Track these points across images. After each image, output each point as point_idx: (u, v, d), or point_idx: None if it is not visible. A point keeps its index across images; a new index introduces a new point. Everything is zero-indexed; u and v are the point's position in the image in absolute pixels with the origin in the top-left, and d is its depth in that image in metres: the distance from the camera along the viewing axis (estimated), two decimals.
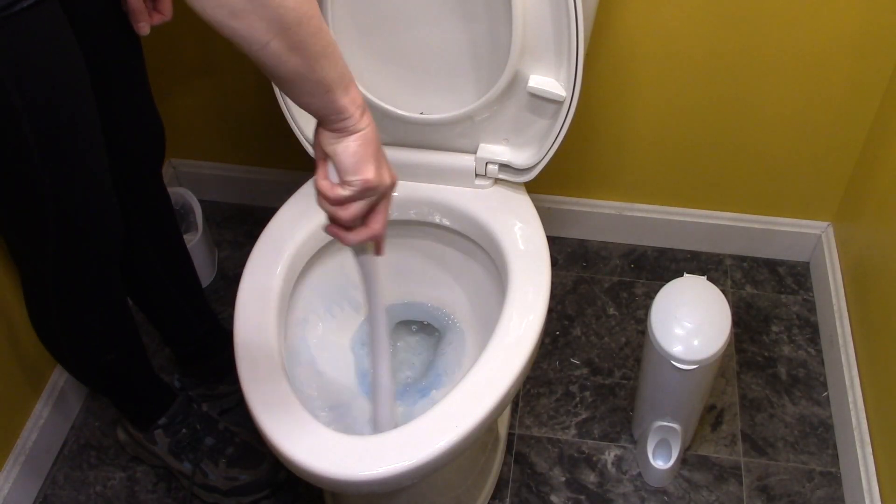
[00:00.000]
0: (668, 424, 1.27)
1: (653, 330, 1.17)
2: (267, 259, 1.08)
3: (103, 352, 1.13)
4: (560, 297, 1.58)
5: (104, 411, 1.43)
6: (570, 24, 1.00)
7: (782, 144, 1.46)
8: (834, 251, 1.53)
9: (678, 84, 1.40)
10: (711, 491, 1.33)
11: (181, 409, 1.29)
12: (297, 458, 0.88)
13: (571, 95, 1.07)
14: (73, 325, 1.08)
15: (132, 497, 1.33)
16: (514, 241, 1.10)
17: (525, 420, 1.41)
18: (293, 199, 1.16)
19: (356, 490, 0.90)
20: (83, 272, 1.02)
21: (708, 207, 1.59)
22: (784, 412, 1.42)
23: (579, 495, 1.32)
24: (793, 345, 1.51)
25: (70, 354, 1.13)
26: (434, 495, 1.18)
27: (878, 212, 1.36)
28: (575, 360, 1.49)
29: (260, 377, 0.96)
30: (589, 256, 1.65)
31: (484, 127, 1.14)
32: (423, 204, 1.16)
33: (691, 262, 1.64)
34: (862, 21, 1.27)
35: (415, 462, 0.88)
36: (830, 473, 1.35)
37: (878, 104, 1.37)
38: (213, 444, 1.29)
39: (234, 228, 1.67)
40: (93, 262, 1.01)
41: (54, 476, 1.36)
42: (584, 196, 1.62)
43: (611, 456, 1.37)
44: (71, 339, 1.10)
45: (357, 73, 1.11)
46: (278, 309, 1.04)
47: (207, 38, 1.45)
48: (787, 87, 1.37)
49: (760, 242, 1.62)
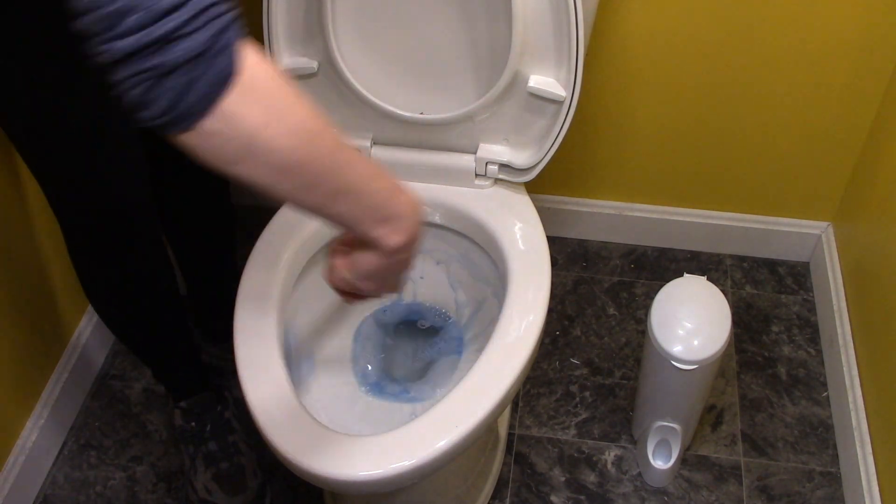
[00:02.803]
0: (668, 424, 1.27)
1: (653, 330, 1.17)
2: (267, 259, 1.08)
3: (115, 311, 1.16)
4: (560, 297, 1.58)
5: (104, 411, 1.43)
6: (570, 24, 1.00)
7: (782, 144, 1.46)
8: (834, 251, 1.53)
9: (678, 84, 1.40)
10: (711, 491, 1.33)
11: (203, 404, 1.30)
12: (297, 459, 0.88)
13: (571, 95, 1.07)
14: (85, 271, 1.12)
15: (132, 497, 1.33)
16: (514, 241, 1.10)
17: (525, 420, 1.41)
18: None
19: (356, 490, 0.90)
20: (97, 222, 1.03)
21: (708, 207, 1.59)
22: (784, 412, 1.42)
23: (579, 495, 1.32)
24: (793, 345, 1.51)
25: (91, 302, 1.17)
26: (434, 495, 1.18)
27: (878, 212, 1.36)
28: (575, 360, 1.49)
29: (260, 377, 0.96)
30: (589, 256, 1.65)
31: (484, 127, 1.14)
32: (423, 204, 1.16)
33: (691, 262, 1.64)
34: (862, 21, 1.27)
35: (415, 462, 0.88)
36: (830, 473, 1.35)
37: (878, 104, 1.37)
38: (214, 451, 1.30)
39: None
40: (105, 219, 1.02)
41: (54, 476, 1.36)
42: (584, 196, 1.62)
43: (611, 456, 1.37)
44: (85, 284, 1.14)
45: (357, 73, 1.11)
46: (278, 309, 1.03)
47: None
48: (787, 87, 1.37)
49: (760, 242, 1.62)
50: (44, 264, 1.33)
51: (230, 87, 0.58)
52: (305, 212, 0.70)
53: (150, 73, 0.56)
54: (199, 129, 0.58)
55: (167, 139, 0.60)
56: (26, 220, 1.29)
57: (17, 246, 1.27)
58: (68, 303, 1.41)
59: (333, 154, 0.67)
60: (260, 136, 0.61)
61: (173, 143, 0.60)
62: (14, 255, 1.26)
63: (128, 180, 1.01)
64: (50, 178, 0.99)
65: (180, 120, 0.58)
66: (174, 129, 0.58)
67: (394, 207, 0.74)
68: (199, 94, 0.57)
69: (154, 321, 1.20)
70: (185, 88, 0.56)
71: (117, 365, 1.49)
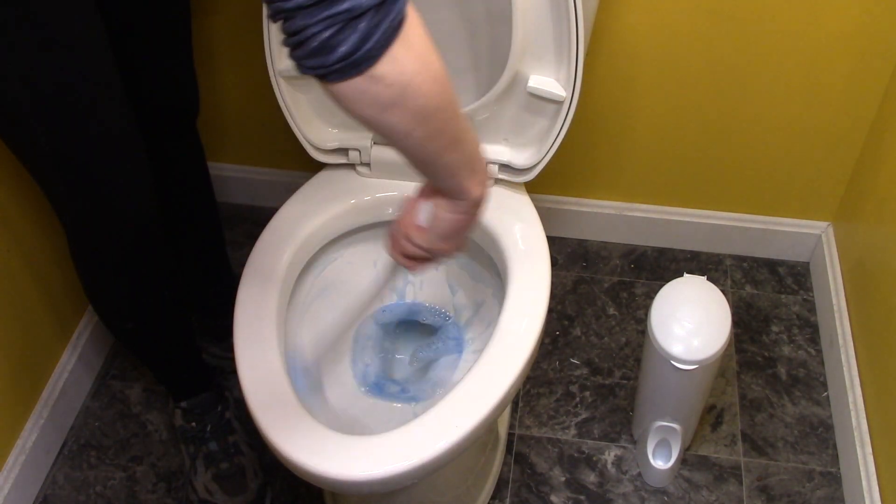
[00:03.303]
0: (668, 424, 1.27)
1: (653, 330, 1.17)
2: (267, 259, 1.08)
3: (123, 319, 1.16)
4: (560, 297, 1.58)
5: (104, 411, 1.43)
6: (570, 24, 1.00)
7: (782, 144, 1.46)
8: (834, 251, 1.53)
9: (678, 84, 1.40)
10: (711, 491, 1.33)
11: (204, 404, 1.30)
12: (297, 458, 0.88)
13: (571, 95, 1.07)
14: (93, 284, 1.12)
15: (132, 497, 1.33)
16: (514, 241, 1.10)
17: (525, 420, 1.41)
18: (293, 200, 1.16)
19: (356, 490, 0.90)
20: (100, 236, 1.03)
21: (708, 207, 1.59)
22: (784, 412, 1.42)
23: (579, 495, 1.32)
24: (793, 345, 1.51)
25: (95, 308, 1.18)
26: (434, 495, 1.18)
27: (878, 212, 1.36)
28: (575, 360, 1.49)
29: (260, 377, 0.96)
30: (589, 256, 1.65)
31: (484, 127, 1.14)
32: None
33: (691, 262, 1.64)
34: (862, 21, 1.27)
35: (415, 462, 0.88)
36: (830, 473, 1.35)
37: (878, 104, 1.37)
38: (214, 452, 1.30)
39: (234, 229, 1.66)
40: (112, 228, 1.02)
41: (54, 476, 1.36)
42: (584, 196, 1.62)
43: (611, 456, 1.37)
44: (92, 296, 1.14)
45: None
46: (278, 309, 1.03)
47: (207, 38, 1.45)
48: (787, 87, 1.37)
49: (760, 242, 1.62)
50: (44, 263, 1.33)
51: (400, 32, 0.63)
52: (418, 161, 0.76)
53: (343, 16, 0.60)
54: (369, 74, 0.63)
55: (326, 88, 0.64)
56: (26, 218, 1.29)
57: (18, 245, 1.27)
58: (68, 303, 1.41)
59: (457, 103, 0.73)
60: (413, 81, 0.66)
61: (330, 94, 0.64)
62: (14, 255, 1.26)
63: (136, 188, 1.01)
64: (57, 189, 0.99)
65: (359, 62, 0.62)
66: (348, 73, 0.63)
67: (481, 161, 0.80)
68: (379, 38, 0.62)
69: (158, 326, 1.20)
70: (370, 32, 0.61)
71: (117, 365, 1.49)
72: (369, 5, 0.60)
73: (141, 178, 1.00)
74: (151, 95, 1.11)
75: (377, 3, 0.61)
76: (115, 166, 0.97)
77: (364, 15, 0.61)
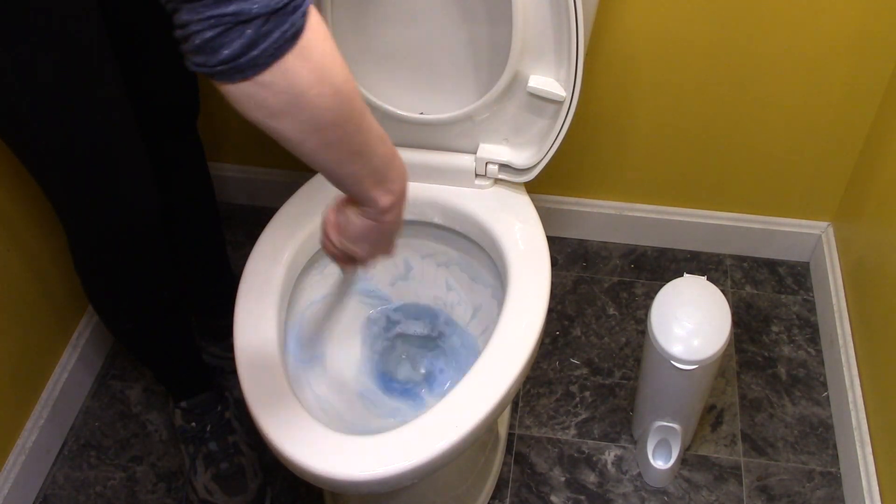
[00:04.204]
0: (668, 424, 1.27)
1: (653, 330, 1.17)
2: (267, 259, 1.08)
3: (123, 319, 1.16)
4: (560, 297, 1.58)
5: (104, 411, 1.43)
6: (570, 24, 1.00)
7: (782, 144, 1.46)
8: (834, 251, 1.53)
9: (678, 84, 1.40)
10: (711, 491, 1.33)
11: (204, 404, 1.31)
12: (297, 458, 0.88)
13: (571, 95, 1.07)
14: (93, 285, 1.12)
15: (132, 497, 1.33)
16: (514, 241, 1.10)
17: (525, 420, 1.41)
18: (294, 199, 1.16)
19: (356, 490, 0.90)
20: (101, 236, 1.03)
21: (708, 207, 1.59)
22: (784, 412, 1.42)
23: (579, 495, 1.33)
24: (793, 345, 1.51)
25: (95, 308, 1.18)
26: (434, 495, 1.18)
27: (878, 212, 1.36)
28: (575, 360, 1.49)
29: (260, 377, 0.96)
30: (589, 256, 1.65)
31: (484, 127, 1.14)
32: (423, 204, 1.16)
33: (691, 262, 1.64)
34: (862, 21, 1.27)
35: (415, 462, 0.88)
36: (830, 473, 1.35)
37: (878, 104, 1.37)
38: (214, 452, 1.30)
39: (233, 229, 1.66)
40: (112, 228, 1.02)
41: (54, 476, 1.36)
42: (584, 196, 1.62)
43: (611, 456, 1.37)
44: (92, 296, 1.14)
45: (357, 73, 1.11)
46: (279, 308, 1.03)
47: None
48: (787, 87, 1.37)
49: (760, 242, 1.62)
50: (44, 263, 1.34)
51: (295, 44, 0.61)
52: (316, 167, 0.73)
53: (228, 19, 0.58)
54: (256, 80, 0.61)
55: (216, 86, 0.62)
56: (26, 218, 1.29)
57: (17, 245, 1.27)
58: (68, 303, 1.41)
59: (361, 117, 0.71)
60: (306, 94, 0.64)
61: (221, 92, 0.62)
62: (14, 255, 1.26)
63: (136, 188, 1.01)
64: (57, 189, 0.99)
65: (243, 68, 0.60)
66: (233, 77, 0.61)
67: (391, 171, 0.78)
68: (267, 47, 0.60)
69: (158, 326, 1.20)
70: (257, 39, 0.59)
71: (117, 365, 1.49)
72: (259, 13, 0.58)
73: (141, 178, 1.00)
74: (152, 95, 1.11)
75: (268, 11, 0.58)
76: (116, 166, 0.97)
77: (252, 21, 0.58)
